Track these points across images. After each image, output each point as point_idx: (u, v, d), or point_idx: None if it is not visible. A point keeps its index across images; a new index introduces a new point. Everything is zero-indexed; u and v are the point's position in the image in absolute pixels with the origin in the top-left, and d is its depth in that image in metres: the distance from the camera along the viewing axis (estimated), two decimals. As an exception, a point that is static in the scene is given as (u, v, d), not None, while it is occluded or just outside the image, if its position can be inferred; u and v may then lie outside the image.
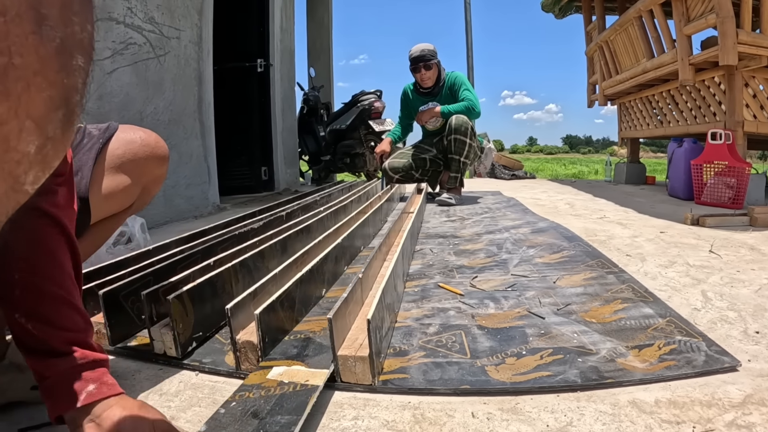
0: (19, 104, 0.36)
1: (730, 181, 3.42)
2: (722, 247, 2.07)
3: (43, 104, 0.38)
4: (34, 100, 0.37)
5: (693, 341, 1.09)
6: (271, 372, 0.86)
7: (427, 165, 4.04)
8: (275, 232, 1.93)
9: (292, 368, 0.87)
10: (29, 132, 0.38)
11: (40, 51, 0.37)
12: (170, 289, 1.16)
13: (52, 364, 0.70)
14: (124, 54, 2.76)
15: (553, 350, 1.08)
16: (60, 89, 0.40)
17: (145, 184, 1.11)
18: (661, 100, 4.89)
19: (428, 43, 3.92)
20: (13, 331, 0.72)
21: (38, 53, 0.37)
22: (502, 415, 0.85)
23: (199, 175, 3.60)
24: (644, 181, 5.79)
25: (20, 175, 0.39)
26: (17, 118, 0.37)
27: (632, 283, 1.53)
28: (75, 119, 0.43)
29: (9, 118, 0.36)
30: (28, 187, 0.41)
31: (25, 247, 0.72)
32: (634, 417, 0.82)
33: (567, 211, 3.39)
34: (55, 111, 0.40)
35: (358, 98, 6.29)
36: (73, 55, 0.41)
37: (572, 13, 7.07)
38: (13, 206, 0.41)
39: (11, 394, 0.89)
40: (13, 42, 0.35)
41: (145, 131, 1.13)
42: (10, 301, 0.71)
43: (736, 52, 3.49)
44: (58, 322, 0.72)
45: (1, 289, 0.71)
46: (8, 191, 0.39)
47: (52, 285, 0.73)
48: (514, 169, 7.45)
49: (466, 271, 1.77)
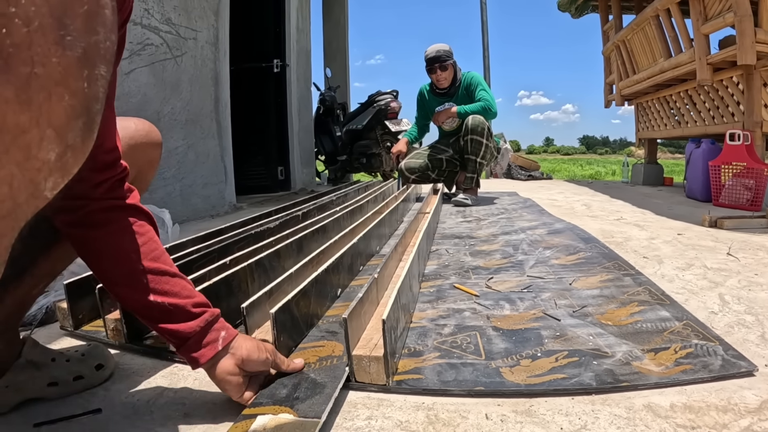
0: (41, 113, 0.37)
1: (748, 182, 3.37)
2: (740, 250, 2.04)
3: (64, 113, 0.39)
4: (56, 110, 0.38)
5: (710, 345, 1.08)
6: (255, 423, 0.82)
7: (443, 165, 4.03)
8: (291, 232, 1.95)
9: (279, 416, 0.82)
10: (50, 140, 0.39)
11: (63, 61, 0.38)
12: (187, 288, 1.17)
13: (190, 326, 0.83)
14: (141, 55, 2.79)
15: (568, 352, 1.07)
16: (81, 98, 0.40)
17: (141, 166, 1.14)
18: (679, 101, 4.84)
19: (444, 43, 3.91)
20: (143, 311, 0.84)
21: (60, 63, 0.38)
22: (516, 418, 0.85)
23: (215, 175, 3.62)
24: (662, 183, 5.74)
25: (40, 182, 0.40)
26: (38, 126, 0.37)
27: (649, 286, 1.52)
28: (95, 127, 0.44)
29: (31, 126, 0.37)
30: (48, 193, 0.42)
31: (137, 240, 0.84)
32: (649, 421, 0.82)
33: (584, 212, 3.37)
34: (76, 120, 0.41)
35: (374, 98, 6.30)
36: (95, 64, 0.42)
37: (589, 12, 7.03)
38: (32, 211, 0.42)
39: (29, 391, 0.91)
40: (36, 52, 0.36)
41: (138, 119, 1.21)
42: (140, 287, 0.82)
43: (754, 51, 3.45)
44: (183, 293, 0.85)
45: (127, 278, 0.82)
46: (29, 198, 0.40)
47: (166, 265, 0.85)
48: (531, 170, 7.42)
49: (481, 272, 1.77)
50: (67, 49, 0.38)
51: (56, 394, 0.94)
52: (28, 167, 0.38)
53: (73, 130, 0.41)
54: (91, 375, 1.00)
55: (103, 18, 0.42)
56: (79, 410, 0.90)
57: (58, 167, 0.41)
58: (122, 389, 1.00)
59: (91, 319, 1.32)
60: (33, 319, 1.36)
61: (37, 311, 1.38)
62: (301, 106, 5.59)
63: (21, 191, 0.39)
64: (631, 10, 6.03)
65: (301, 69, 5.61)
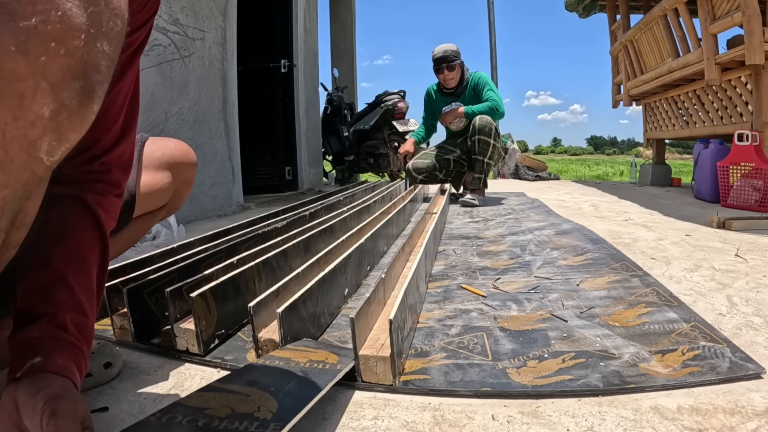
0: (36, 65, 0.39)
1: (756, 183, 3.35)
2: (748, 251, 2.03)
3: (60, 70, 0.41)
4: (51, 65, 0.40)
5: (717, 347, 1.08)
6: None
7: (450, 166, 4.04)
8: (298, 232, 1.95)
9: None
10: (44, 94, 0.40)
11: (63, 21, 0.40)
12: (194, 287, 1.17)
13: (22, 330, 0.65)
14: (149, 55, 2.80)
15: (575, 354, 1.07)
16: (78, 60, 0.42)
17: (178, 185, 1.14)
18: (687, 101, 4.82)
19: (451, 43, 3.91)
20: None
21: (60, 22, 0.39)
22: (523, 419, 0.85)
23: (223, 175, 3.63)
24: (670, 183, 5.72)
25: (35, 139, 0.41)
26: (33, 77, 0.39)
27: (657, 287, 1.52)
28: (94, 97, 0.45)
29: (26, 76, 0.38)
30: (44, 156, 0.43)
31: (59, 232, 0.71)
32: (656, 423, 0.82)
33: (591, 212, 3.36)
34: (72, 80, 0.42)
35: (381, 98, 6.31)
36: (96, 36, 0.43)
37: (596, 12, 7.01)
38: (30, 178, 0.43)
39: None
40: (38, 10, 0.38)
41: (176, 141, 1.20)
42: (24, 276, 0.68)
43: (763, 50, 3.43)
44: (48, 296, 0.67)
45: (26, 264, 0.68)
46: (24, 157, 0.41)
47: (69, 272, 0.70)
48: (538, 170, 7.41)
49: (489, 273, 1.77)
50: (67, 11, 0.40)
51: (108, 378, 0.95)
52: (21, 116, 0.39)
53: (68, 90, 0.42)
54: (99, 373, 1.01)
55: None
56: (87, 408, 0.90)
57: (52, 127, 0.42)
58: (129, 388, 1.00)
59: (98, 317, 1.33)
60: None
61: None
62: (308, 106, 5.59)
63: (14, 144, 0.40)
64: (638, 10, 6.01)
65: (308, 69, 5.61)
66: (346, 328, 1.25)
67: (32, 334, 0.63)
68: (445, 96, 3.99)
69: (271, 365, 0.93)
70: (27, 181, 0.44)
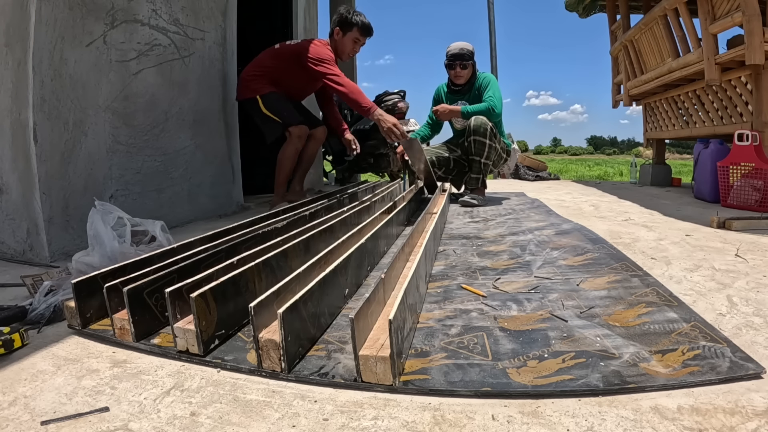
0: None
1: (756, 183, 3.35)
2: (748, 251, 2.03)
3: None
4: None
5: (717, 347, 1.08)
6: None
7: (450, 164, 4.03)
8: (298, 232, 1.95)
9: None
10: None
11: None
12: (194, 287, 1.17)
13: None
14: (149, 55, 2.80)
15: (575, 354, 1.07)
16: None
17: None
18: (687, 101, 4.82)
19: (468, 42, 3.92)
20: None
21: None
22: (523, 419, 0.85)
23: (223, 175, 3.63)
24: (670, 183, 5.72)
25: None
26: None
27: (657, 287, 1.52)
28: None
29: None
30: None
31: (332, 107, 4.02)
32: (656, 423, 0.82)
33: (591, 212, 3.36)
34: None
35: (381, 98, 6.30)
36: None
37: (596, 12, 7.00)
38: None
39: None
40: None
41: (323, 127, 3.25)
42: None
43: (763, 50, 3.43)
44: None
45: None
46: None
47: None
48: (539, 170, 7.41)
49: (489, 273, 1.77)
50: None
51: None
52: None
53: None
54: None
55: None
56: (86, 408, 0.90)
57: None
58: (129, 388, 1.00)
59: (98, 317, 1.33)
60: (41, 317, 1.37)
61: (45, 309, 1.39)
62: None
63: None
64: (638, 10, 6.00)
65: (308, 69, 5.60)
66: (346, 328, 1.25)
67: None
68: (453, 93, 4.01)
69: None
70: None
